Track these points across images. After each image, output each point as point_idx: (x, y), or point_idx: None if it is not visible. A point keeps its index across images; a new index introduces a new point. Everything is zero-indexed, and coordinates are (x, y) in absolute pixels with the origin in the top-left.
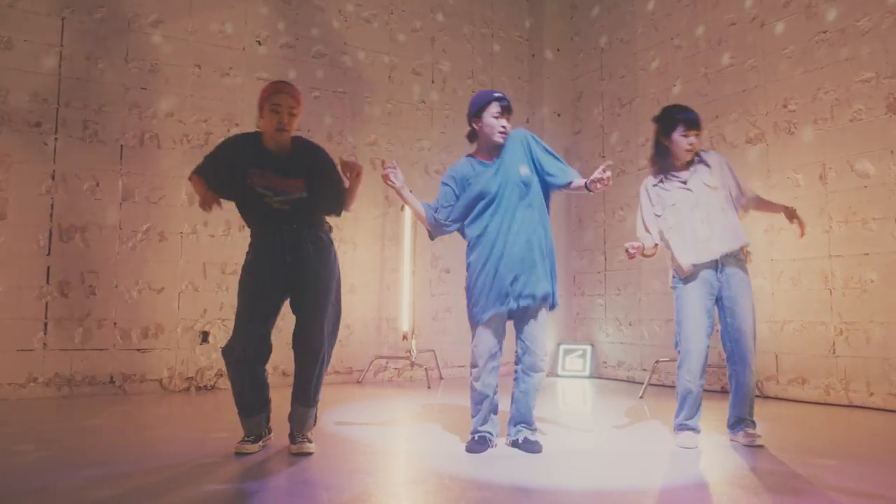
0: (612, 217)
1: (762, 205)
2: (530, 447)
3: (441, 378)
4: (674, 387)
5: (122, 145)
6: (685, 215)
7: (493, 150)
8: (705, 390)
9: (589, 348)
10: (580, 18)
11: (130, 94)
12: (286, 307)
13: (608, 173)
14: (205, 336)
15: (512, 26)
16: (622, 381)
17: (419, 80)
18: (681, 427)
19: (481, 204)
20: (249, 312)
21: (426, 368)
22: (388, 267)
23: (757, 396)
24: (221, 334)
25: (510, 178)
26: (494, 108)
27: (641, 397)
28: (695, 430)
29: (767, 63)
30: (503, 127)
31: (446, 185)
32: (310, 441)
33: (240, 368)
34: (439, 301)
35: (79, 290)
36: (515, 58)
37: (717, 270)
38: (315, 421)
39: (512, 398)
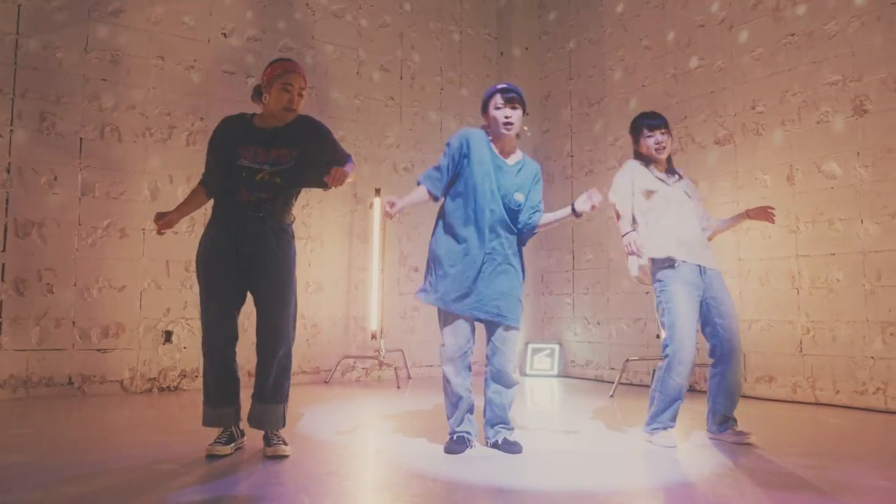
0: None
1: (722, 225)
2: (510, 448)
3: (409, 377)
4: (644, 385)
5: (81, 138)
6: (664, 209)
7: (506, 145)
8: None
9: (557, 347)
10: (548, 17)
11: (90, 86)
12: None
13: (597, 198)
14: (168, 335)
15: (480, 24)
16: (590, 380)
17: (387, 76)
18: (660, 426)
19: (471, 191)
20: (217, 302)
21: (395, 368)
22: (355, 265)
23: (746, 396)
24: (185, 334)
25: (507, 196)
26: (497, 99)
27: (612, 396)
28: (672, 428)
29: (735, 65)
30: (506, 117)
31: (453, 158)
32: (284, 443)
33: (214, 358)
34: (407, 300)
35: (35, 288)
36: (483, 55)
37: (701, 273)
38: (284, 421)
39: (486, 399)
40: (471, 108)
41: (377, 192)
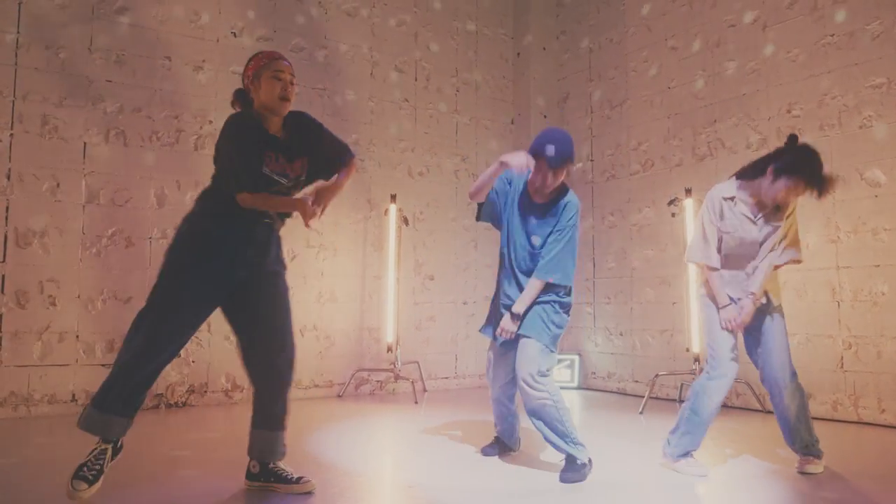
0: (601, 223)
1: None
2: (562, 474)
3: (425, 391)
4: (672, 400)
5: (85, 143)
6: (735, 249)
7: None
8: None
9: (577, 358)
10: (567, 17)
11: (94, 88)
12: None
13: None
14: None
15: (496, 23)
16: (612, 392)
17: (402, 77)
18: (684, 451)
19: (503, 226)
20: (186, 307)
21: (412, 381)
22: (369, 274)
23: (759, 411)
24: (193, 347)
25: (529, 235)
26: (539, 164)
27: (641, 413)
28: (695, 450)
29: (769, 67)
30: (545, 184)
31: (492, 203)
32: (300, 477)
33: (145, 364)
34: (423, 310)
35: (37, 301)
36: (500, 56)
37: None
38: (285, 449)
39: None
40: (487, 111)
41: (392, 198)
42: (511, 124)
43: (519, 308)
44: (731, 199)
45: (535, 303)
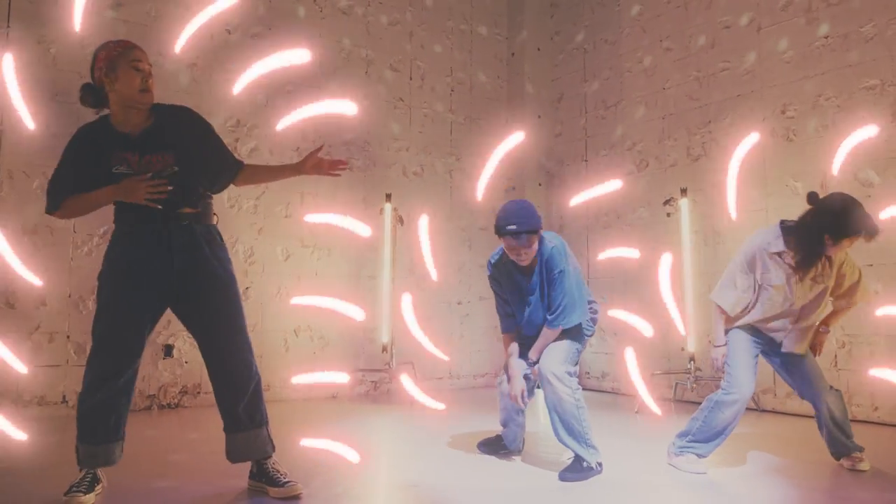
0: (595, 223)
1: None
2: (562, 472)
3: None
4: (666, 400)
5: None
6: (776, 304)
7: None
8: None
9: None
10: (561, 17)
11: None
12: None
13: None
14: (168, 350)
15: (491, 23)
16: (607, 392)
17: (397, 76)
18: (690, 450)
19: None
20: (119, 330)
21: (406, 381)
22: (364, 274)
23: (753, 410)
24: (186, 347)
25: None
26: (507, 241)
27: (637, 412)
28: (703, 458)
29: (764, 68)
30: (518, 257)
31: (497, 294)
32: (291, 480)
33: (104, 392)
34: (418, 310)
35: (27, 300)
36: (494, 56)
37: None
38: (272, 445)
39: None
40: (481, 110)
41: (388, 197)
42: (505, 124)
43: (533, 355)
44: (779, 254)
45: None
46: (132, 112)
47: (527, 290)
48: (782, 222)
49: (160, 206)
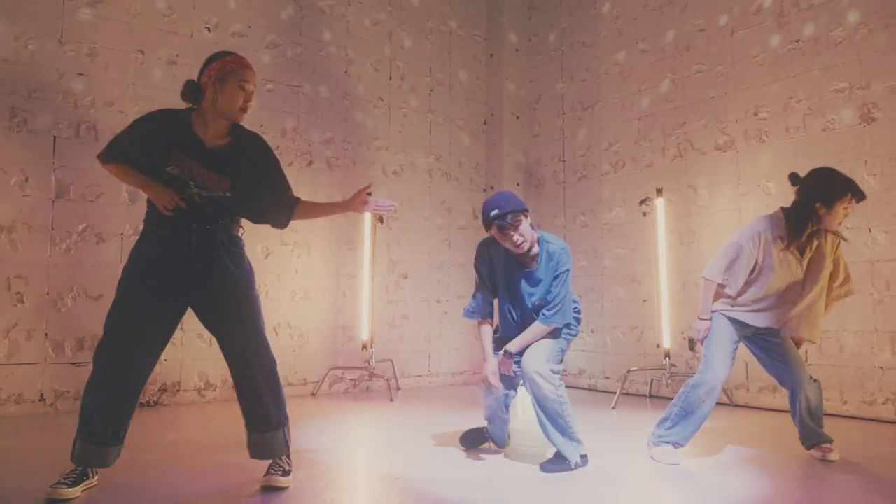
0: (572, 222)
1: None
2: (543, 464)
3: (399, 388)
4: (643, 396)
5: (55, 136)
6: (773, 284)
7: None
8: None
9: None
10: (539, 19)
11: (65, 80)
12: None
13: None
14: None
15: (470, 24)
16: (584, 389)
17: (376, 75)
18: (667, 440)
19: (501, 300)
20: (128, 325)
21: (387, 379)
22: (343, 272)
23: (727, 404)
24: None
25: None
26: (495, 231)
27: (614, 408)
28: (680, 447)
29: (737, 70)
30: (515, 245)
31: (483, 279)
32: (285, 472)
33: (108, 389)
34: (396, 308)
35: (5, 298)
36: (473, 57)
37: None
38: (288, 446)
39: None
40: (460, 110)
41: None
42: (484, 124)
43: (513, 347)
44: (781, 237)
45: None
46: (218, 122)
47: (526, 284)
48: (783, 208)
49: (185, 206)
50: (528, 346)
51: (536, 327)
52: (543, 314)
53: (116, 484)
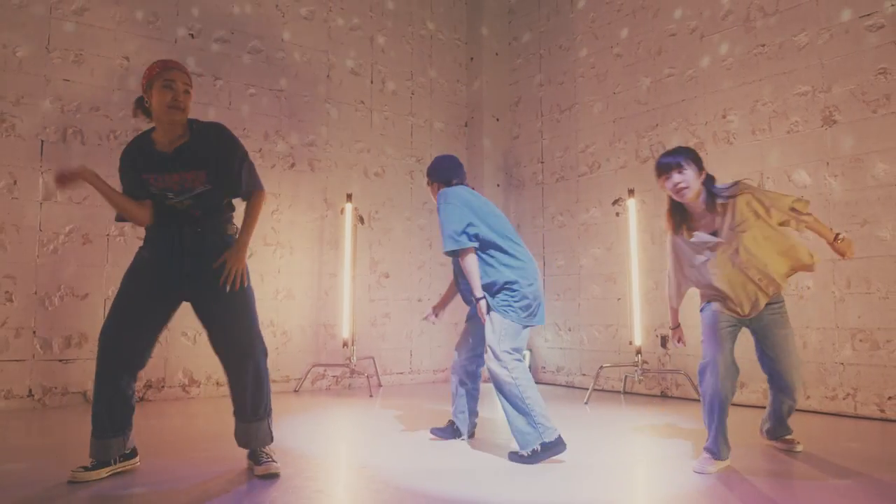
0: (550, 222)
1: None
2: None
3: (380, 385)
4: (616, 392)
5: (42, 140)
6: (705, 272)
7: None
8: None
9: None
10: (518, 23)
11: (52, 86)
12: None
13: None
14: None
15: (451, 28)
16: (562, 386)
17: (358, 79)
18: (710, 455)
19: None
20: (129, 319)
21: (367, 376)
22: (325, 271)
23: (697, 400)
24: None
25: None
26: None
27: (586, 403)
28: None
29: (706, 74)
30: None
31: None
32: (273, 460)
33: (105, 380)
34: (378, 306)
35: None
36: (454, 60)
37: None
38: (271, 436)
39: None
40: (441, 114)
41: (348, 197)
42: (465, 127)
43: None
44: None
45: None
46: (167, 126)
47: None
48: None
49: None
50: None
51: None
52: None
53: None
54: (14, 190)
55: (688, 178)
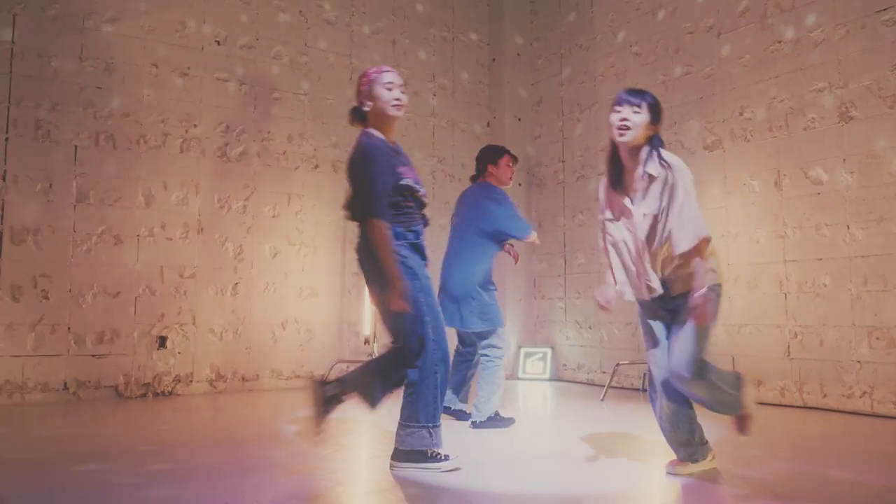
0: (571, 221)
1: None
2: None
3: None
4: (635, 389)
5: (76, 146)
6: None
7: None
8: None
9: (549, 351)
10: (540, 24)
11: (85, 94)
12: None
13: None
14: (162, 341)
15: (472, 30)
16: (582, 383)
17: None
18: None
19: None
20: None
21: None
22: (348, 270)
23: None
24: (179, 339)
25: None
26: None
27: (602, 400)
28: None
29: (724, 72)
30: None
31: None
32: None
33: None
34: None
35: (31, 295)
36: (476, 62)
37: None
38: (418, 454)
39: None
40: (463, 115)
41: None
42: (487, 127)
43: None
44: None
45: None
46: (390, 126)
47: None
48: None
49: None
50: None
51: None
52: None
53: (135, 467)
54: (49, 193)
55: (636, 121)
